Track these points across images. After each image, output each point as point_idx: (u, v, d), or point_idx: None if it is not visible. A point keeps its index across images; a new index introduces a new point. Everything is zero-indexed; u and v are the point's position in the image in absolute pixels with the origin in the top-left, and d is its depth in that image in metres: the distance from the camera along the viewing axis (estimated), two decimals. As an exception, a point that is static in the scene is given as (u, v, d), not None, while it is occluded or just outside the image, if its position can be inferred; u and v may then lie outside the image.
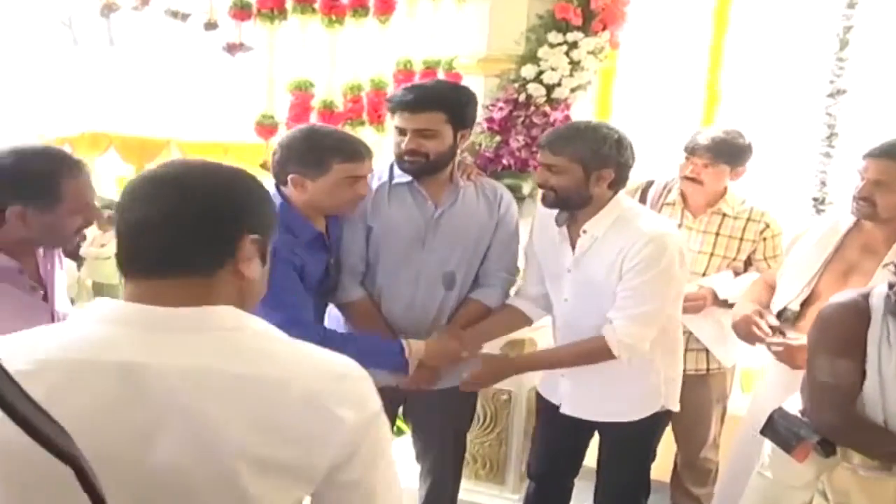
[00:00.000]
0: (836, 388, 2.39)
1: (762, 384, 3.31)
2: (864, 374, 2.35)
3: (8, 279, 2.14)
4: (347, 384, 1.30)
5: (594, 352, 2.85)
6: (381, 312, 3.07)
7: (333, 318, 3.12)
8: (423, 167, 2.94)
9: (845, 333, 2.39)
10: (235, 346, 1.27)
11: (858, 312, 2.38)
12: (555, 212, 2.91)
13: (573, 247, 2.89)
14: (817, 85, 4.95)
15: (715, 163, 3.47)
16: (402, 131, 2.90)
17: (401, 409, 3.30)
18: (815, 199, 5.03)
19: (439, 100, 2.90)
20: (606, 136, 2.75)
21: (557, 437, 3.22)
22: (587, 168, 2.74)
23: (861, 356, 2.36)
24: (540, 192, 2.88)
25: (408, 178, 2.99)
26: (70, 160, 2.15)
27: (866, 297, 2.41)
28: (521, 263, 3.23)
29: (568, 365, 2.99)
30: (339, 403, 1.26)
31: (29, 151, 2.12)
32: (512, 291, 3.22)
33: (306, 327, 2.64)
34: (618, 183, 2.82)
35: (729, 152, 3.48)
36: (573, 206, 2.84)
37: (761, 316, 3.04)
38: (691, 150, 3.51)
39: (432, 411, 3.22)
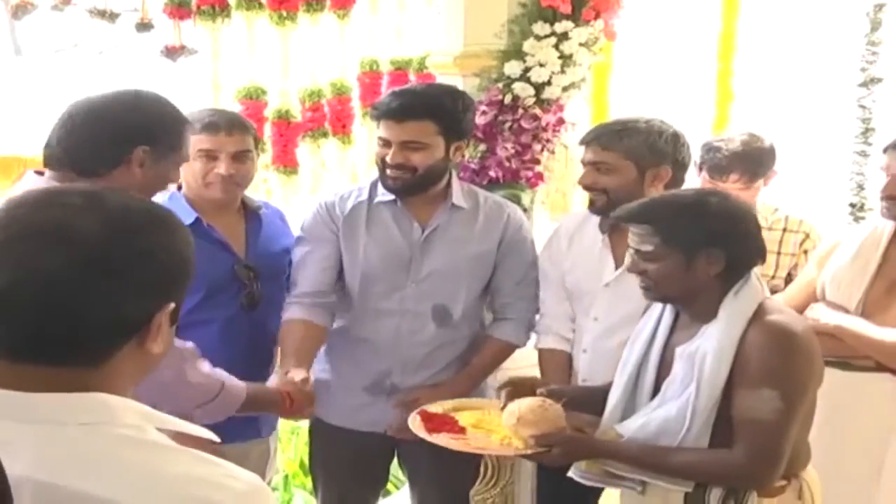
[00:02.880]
0: None
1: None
2: None
3: None
4: None
5: None
6: (315, 341, 2.86)
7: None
8: (410, 183, 2.80)
9: None
10: (76, 450, 1.06)
11: None
12: (585, 219, 2.84)
13: (616, 259, 2.75)
14: (847, 74, 4.75)
15: (751, 183, 3.33)
16: (385, 143, 2.78)
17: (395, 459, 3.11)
18: (853, 206, 4.85)
19: (430, 107, 2.77)
20: (662, 129, 2.68)
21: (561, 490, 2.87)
22: (641, 166, 2.65)
23: None
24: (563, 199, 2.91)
25: (391, 196, 2.86)
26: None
27: None
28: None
29: None
30: None
31: (158, 98, 2.21)
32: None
33: None
34: (674, 184, 2.71)
35: (759, 163, 3.33)
36: None
37: None
38: (720, 173, 3.33)
39: (429, 463, 2.99)
